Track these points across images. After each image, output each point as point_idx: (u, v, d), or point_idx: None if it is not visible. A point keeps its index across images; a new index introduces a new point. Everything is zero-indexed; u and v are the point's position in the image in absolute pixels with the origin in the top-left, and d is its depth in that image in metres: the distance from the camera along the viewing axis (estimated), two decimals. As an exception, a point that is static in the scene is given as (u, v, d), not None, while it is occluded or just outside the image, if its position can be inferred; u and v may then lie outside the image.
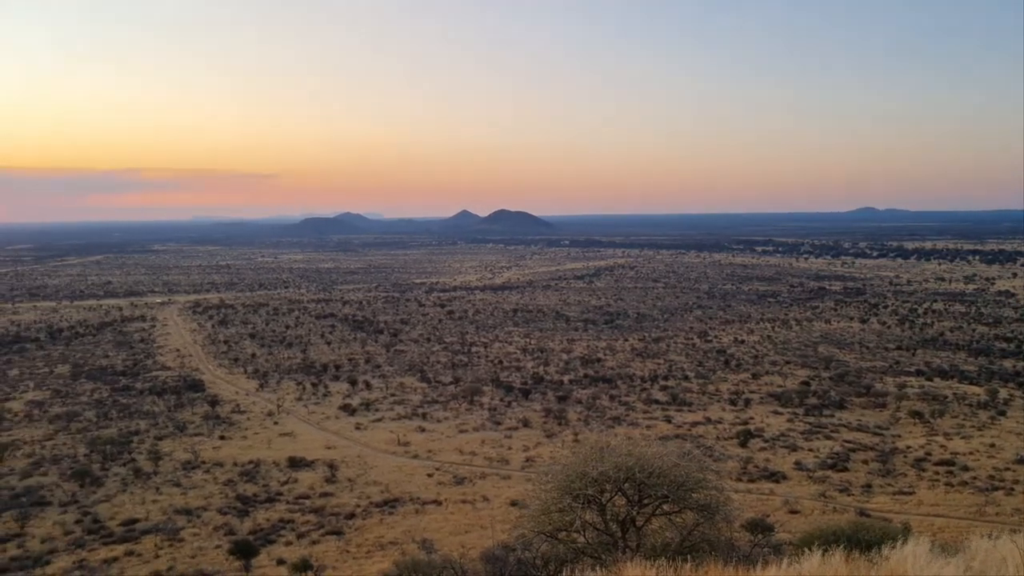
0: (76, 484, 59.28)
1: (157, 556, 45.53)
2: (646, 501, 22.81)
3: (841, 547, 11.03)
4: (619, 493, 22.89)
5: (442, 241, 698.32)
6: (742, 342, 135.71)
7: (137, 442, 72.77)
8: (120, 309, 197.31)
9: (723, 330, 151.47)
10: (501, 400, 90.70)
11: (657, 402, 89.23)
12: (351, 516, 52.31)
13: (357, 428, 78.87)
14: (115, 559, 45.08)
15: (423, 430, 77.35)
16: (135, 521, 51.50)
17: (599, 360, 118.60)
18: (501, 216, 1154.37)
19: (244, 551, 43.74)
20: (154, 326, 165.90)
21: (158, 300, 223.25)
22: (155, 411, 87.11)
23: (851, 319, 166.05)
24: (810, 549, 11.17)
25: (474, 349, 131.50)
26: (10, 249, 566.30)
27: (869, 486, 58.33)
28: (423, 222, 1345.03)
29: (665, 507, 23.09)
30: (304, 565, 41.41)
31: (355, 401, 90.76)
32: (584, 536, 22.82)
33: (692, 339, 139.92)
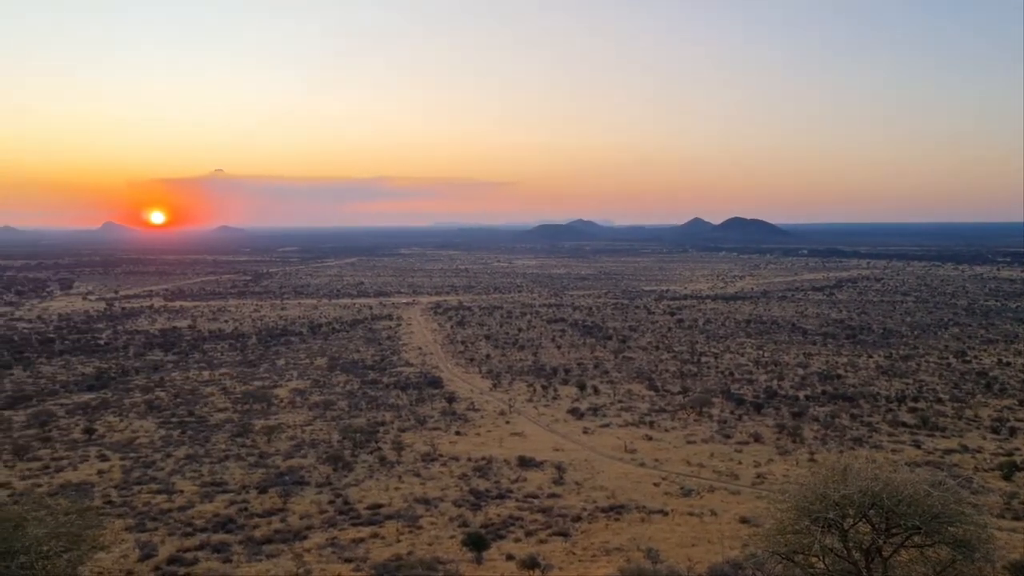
0: (330, 467, 64.96)
1: (398, 540, 48.69)
2: (894, 531, 21.32)
3: None
4: (863, 519, 21.56)
5: (673, 248, 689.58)
6: (1007, 364, 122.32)
7: (383, 432, 78.43)
8: (370, 308, 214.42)
9: (984, 350, 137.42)
10: (731, 413, 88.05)
11: (904, 425, 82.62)
12: (577, 519, 52.96)
13: (584, 432, 79.82)
14: (362, 540, 48.73)
15: (650, 438, 76.83)
16: (380, 506, 55.45)
17: (839, 376, 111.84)
18: (735, 224, 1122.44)
19: (476, 543, 45.69)
20: (399, 325, 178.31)
21: (403, 300, 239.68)
22: (399, 404, 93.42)
23: None
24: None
25: (704, 359, 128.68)
26: (280, 251, 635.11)
27: None
28: (654, 229, 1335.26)
29: (916, 539, 21.46)
30: (532, 562, 42.51)
31: (583, 405, 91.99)
32: (823, 562, 21.76)
33: (947, 358, 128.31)
